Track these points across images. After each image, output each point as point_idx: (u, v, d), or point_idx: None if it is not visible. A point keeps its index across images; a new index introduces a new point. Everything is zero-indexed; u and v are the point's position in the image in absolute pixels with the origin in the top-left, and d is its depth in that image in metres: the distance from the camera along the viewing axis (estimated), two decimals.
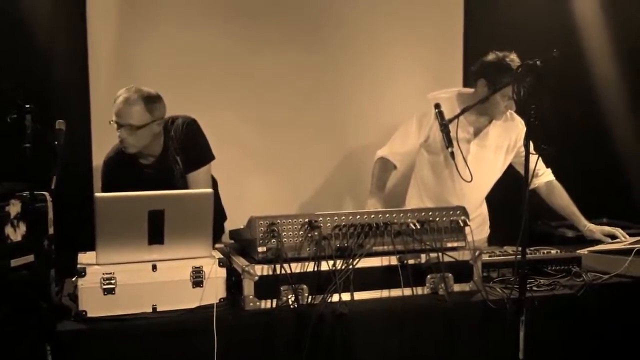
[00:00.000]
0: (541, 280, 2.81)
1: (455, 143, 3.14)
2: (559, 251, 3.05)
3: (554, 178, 3.56)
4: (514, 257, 2.80)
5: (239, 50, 4.04)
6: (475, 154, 3.39)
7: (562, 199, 3.53)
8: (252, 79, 4.09)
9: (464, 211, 2.74)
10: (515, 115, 3.48)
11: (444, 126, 3.15)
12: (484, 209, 3.67)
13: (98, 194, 2.40)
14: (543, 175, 3.53)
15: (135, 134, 3.02)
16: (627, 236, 3.32)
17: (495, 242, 3.46)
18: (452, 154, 3.23)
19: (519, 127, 3.48)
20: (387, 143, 3.49)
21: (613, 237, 3.34)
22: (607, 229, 3.41)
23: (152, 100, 3.05)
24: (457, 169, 3.26)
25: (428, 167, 3.54)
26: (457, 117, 3.12)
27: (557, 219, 3.64)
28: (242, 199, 3.70)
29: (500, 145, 3.47)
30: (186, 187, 3.17)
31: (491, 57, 3.30)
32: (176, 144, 3.17)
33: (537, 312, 2.58)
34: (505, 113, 3.39)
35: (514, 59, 3.23)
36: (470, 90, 3.41)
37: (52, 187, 2.42)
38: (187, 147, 3.18)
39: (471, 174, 3.17)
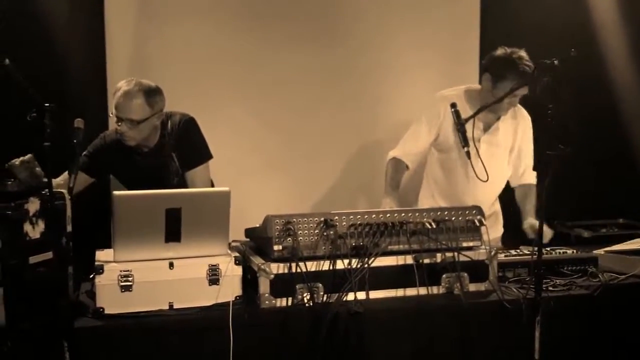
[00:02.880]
0: (557, 281, 2.80)
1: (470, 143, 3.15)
2: (575, 251, 3.04)
3: (534, 182, 3.51)
4: (530, 257, 2.80)
5: (254, 50, 4.05)
6: (485, 151, 3.37)
7: (525, 197, 3.48)
8: (266, 79, 4.09)
9: (479, 211, 2.73)
10: (523, 110, 3.47)
11: (461, 125, 3.16)
12: (497, 207, 3.65)
13: (116, 192, 2.42)
14: (527, 177, 3.51)
15: (136, 128, 3.03)
16: (548, 234, 3.16)
17: (510, 241, 3.44)
18: (468, 153, 3.22)
19: (526, 121, 3.48)
20: (398, 143, 3.49)
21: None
22: (535, 225, 3.30)
23: (152, 93, 3.06)
24: (473, 168, 3.26)
25: (439, 166, 3.54)
26: (473, 116, 3.12)
27: (573, 219, 3.63)
28: (255, 198, 3.71)
29: (509, 141, 3.46)
30: (181, 185, 3.18)
31: (499, 52, 3.31)
32: (172, 140, 3.18)
33: (553, 312, 2.57)
34: (508, 109, 3.37)
35: (522, 55, 3.22)
36: (478, 86, 3.41)
37: (71, 185, 2.44)
38: (184, 144, 3.18)
39: (487, 173, 3.17)
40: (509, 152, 3.48)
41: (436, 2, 4.32)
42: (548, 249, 3.01)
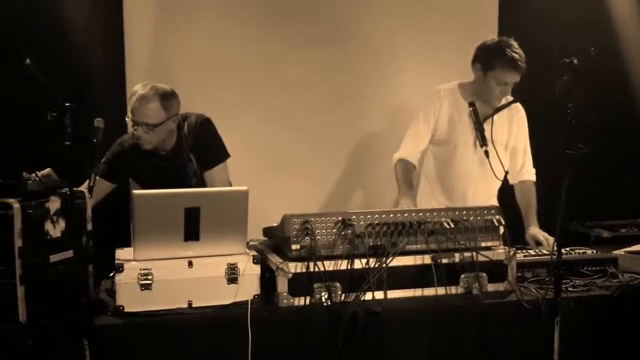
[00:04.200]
0: (577, 281, 2.78)
1: (488, 142, 3.15)
2: (594, 252, 3.02)
3: (534, 179, 3.51)
4: (549, 257, 2.78)
5: (272, 49, 4.07)
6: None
7: (525, 198, 3.47)
8: (283, 78, 4.11)
9: (498, 210, 2.72)
10: (517, 104, 3.46)
11: (479, 125, 3.16)
12: (496, 204, 3.57)
13: (136, 191, 2.44)
14: (526, 174, 3.51)
15: (152, 132, 3.05)
16: (549, 242, 3.11)
17: (518, 242, 3.38)
18: (486, 152, 3.23)
19: (520, 115, 3.48)
20: (400, 146, 3.48)
21: (539, 243, 3.22)
22: (537, 234, 3.27)
23: (167, 97, 3.06)
24: (491, 167, 3.25)
25: (434, 160, 3.54)
26: (491, 116, 3.13)
27: (592, 219, 3.59)
28: (273, 197, 3.72)
29: (504, 134, 3.45)
30: (200, 185, 3.19)
31: (488, 41, 3.32)
32: (189, 141, 3.18)
33: (573, 313, 2.55)
34: (500, 98, 3.36)
35: (511, 43, 3.23)
36: (471, 79, 3.40)
37: (92, 184, 2.46)
38: (201, 145, 3.19)
39: (505, 170, 3.16)
40: (505, 146, 3.47)
41: (455, 4, 4.30)
42: (568, 249, 2.99)
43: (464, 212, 2.68)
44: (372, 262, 2.51)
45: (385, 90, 4.28)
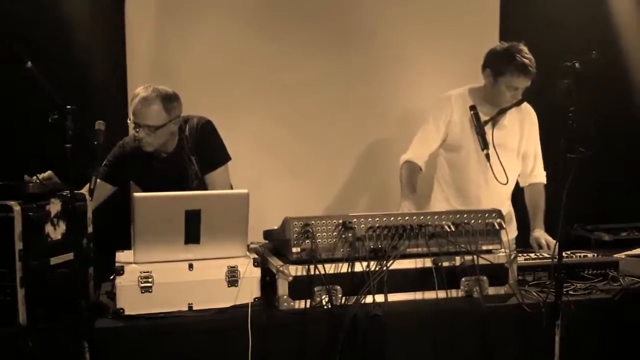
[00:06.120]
0: (577, 285, 2.77)
1: (489, 145, 3.14)
2: (595, 255, 3.02)
3: (544, 182, 3.52)
4: (550, 260, 2.78)
5: (273, 52, 4.07)
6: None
7: (533, 200, 3.50)
8: (285, 81, 4.11)
9: (499, 214, 2.71)
10: (527, 105, 3.46)
11: (480, 128, 3.16)
12: (510, 207, 3.60)
13: (137, 194, 2.44)
14: (536, 176, 3.52)
15: (153, 134, 3.05)
16: (551, 246, 3.16)
17: (524, 245, 3.40)
18: (487, 156, 3.22)
19: (531, 116, 3.49)
20: (409, 148, 3.49)
21: (541, 246, 3.26)
22: (539, 238, 3.30)
23: (169, 100, 3.07)
24: (492, 171, 3.25)
25: (448, 166, 3.54)
26: (492, 119, 3.12)
27: (593, 222, 3.59)
28: (274, 200, 3.73)
29: (515, 137, 3.45)
30: (201, 188, 3.19)
31: (498, 47, 3.33)
32: (191, 144, 3.19)
33: (573, 316, 2.54)
34: (511, 103, 3.35)
35: (521, 48, 3.24)
36: (480, 84, 3.40)
37: (92, 187, 2.46)
38: (202, 147, 3.20)
39: (507, 176, 3.16)
40: (516, 149, 3.47)
41: (455, 9, 4.30)
42: (569, 252, 2.99)
43: (465, 215, 2.67)
44: (373, 265, 2.51)
45: (390, 95, 4.28)
